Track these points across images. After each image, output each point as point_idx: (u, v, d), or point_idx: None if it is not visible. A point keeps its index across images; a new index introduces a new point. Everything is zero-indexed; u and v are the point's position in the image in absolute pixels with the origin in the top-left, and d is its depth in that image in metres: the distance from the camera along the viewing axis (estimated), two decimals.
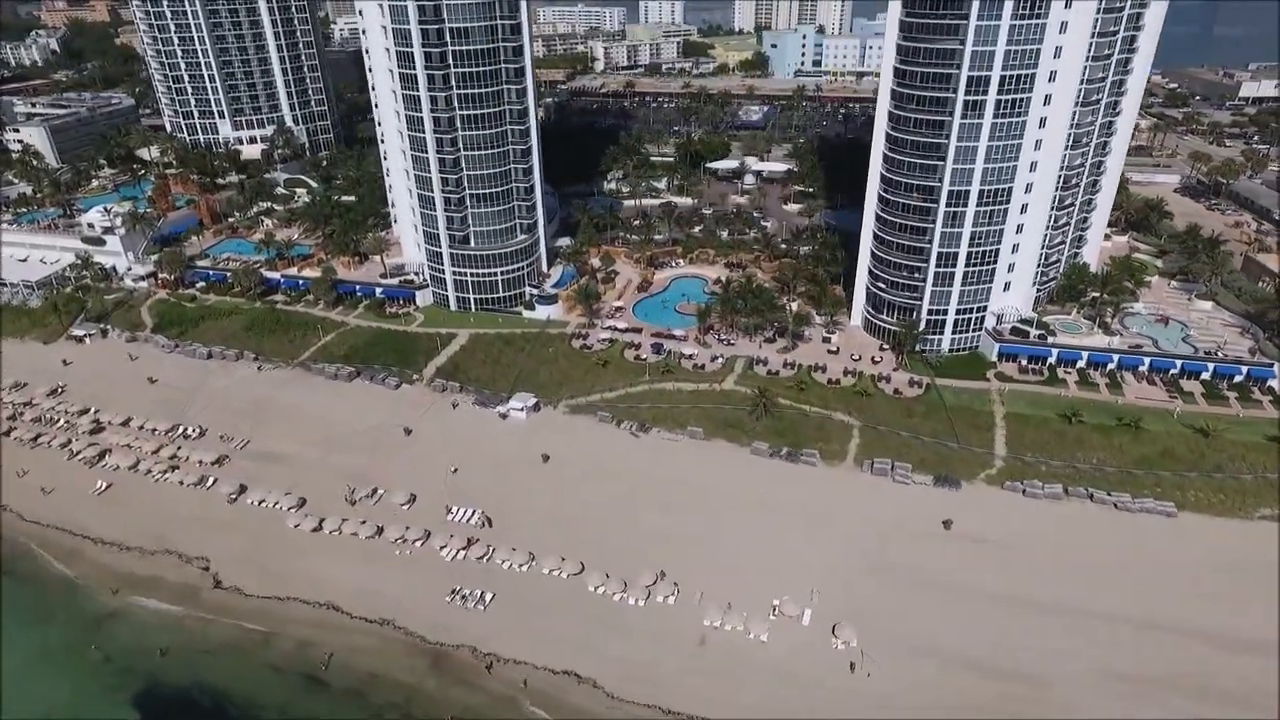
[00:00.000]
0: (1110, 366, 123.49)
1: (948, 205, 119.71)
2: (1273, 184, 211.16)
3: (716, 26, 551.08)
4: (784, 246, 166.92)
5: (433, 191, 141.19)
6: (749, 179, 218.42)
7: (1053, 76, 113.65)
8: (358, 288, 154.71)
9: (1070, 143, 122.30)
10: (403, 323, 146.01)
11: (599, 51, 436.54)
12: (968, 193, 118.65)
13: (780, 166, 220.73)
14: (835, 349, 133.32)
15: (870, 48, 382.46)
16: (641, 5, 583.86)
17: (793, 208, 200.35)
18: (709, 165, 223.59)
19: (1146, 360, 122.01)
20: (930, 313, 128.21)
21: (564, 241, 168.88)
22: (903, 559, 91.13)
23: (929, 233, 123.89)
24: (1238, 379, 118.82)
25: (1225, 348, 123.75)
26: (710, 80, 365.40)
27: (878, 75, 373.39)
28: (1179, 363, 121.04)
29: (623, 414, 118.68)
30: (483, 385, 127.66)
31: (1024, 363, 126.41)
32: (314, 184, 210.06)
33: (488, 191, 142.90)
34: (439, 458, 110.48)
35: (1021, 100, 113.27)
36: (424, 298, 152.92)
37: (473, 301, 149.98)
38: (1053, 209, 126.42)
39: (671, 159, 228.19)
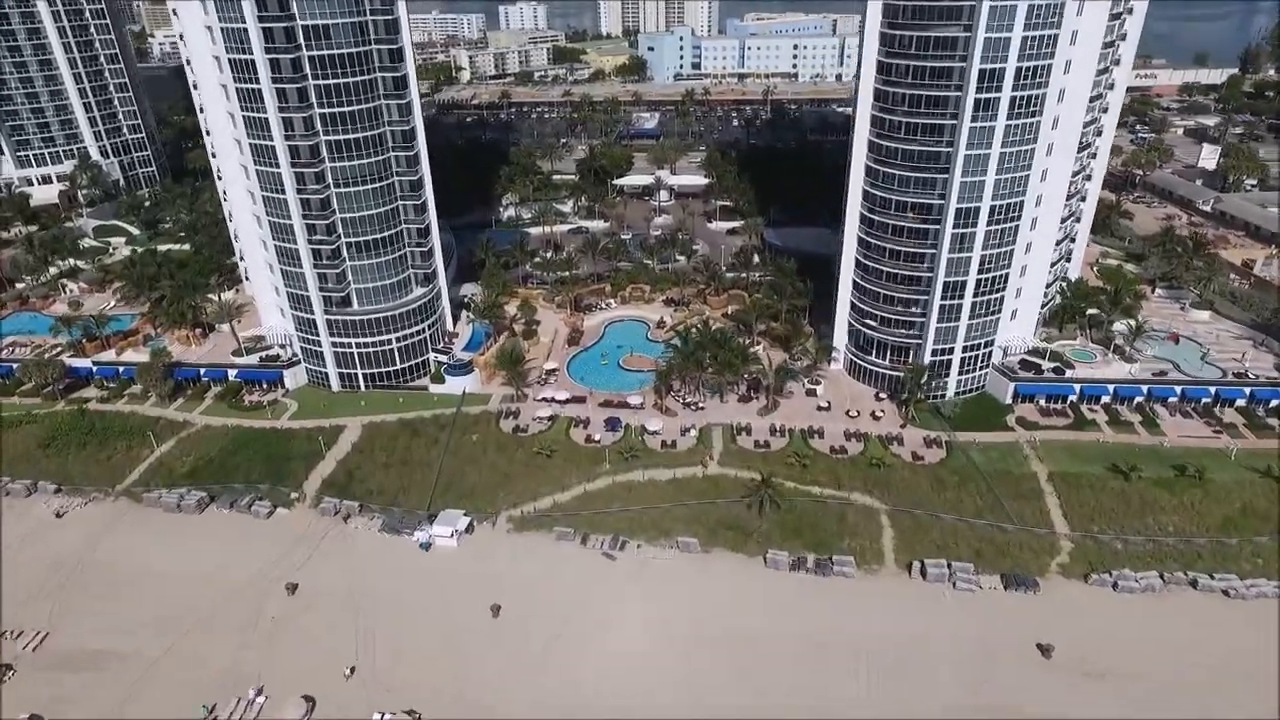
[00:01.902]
0: (1138, 399, 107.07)
1: (955, 226, 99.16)
2: (1183, 174, 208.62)
3: (583, 31, 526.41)
4: (730, 276, 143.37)
5: (296, 242, 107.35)
6: (664, 195, 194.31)
7: (1068, 67, 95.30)
8: (203, 371, 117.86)
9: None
10: (269, 416, 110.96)
11: (464, 60, 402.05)
12: (977, 210, 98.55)
13: (696, 179, 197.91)
14: (826, 404, 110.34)
15: (749, 48, 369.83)
16: (501, 10, 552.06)
17: (719, 226, 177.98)
18: (616, 182, 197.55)
19: (1178, 389, 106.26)
20: (934, 352, 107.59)
21: (467, 289, 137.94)
22: (1010, 715, 68.19)
23: (929, 259, 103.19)
24: (1275, 402, 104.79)
25: (1247, 365, 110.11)
26: (590, 87, 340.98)
27: (760, 77, 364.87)
28: (1213, 389, 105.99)
29: (587, 525, 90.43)
30: (390, 500, 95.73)
31: (1043, 403, 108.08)
32: (135, 231, 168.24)
33: (371, 238, 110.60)
34: (343, 629, 78.31)
35: (1037, 97, 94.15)
36: (295, 378, 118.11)
37: (362, 379, 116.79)
38: (1061, 222, 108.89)
39: (573, 177, 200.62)
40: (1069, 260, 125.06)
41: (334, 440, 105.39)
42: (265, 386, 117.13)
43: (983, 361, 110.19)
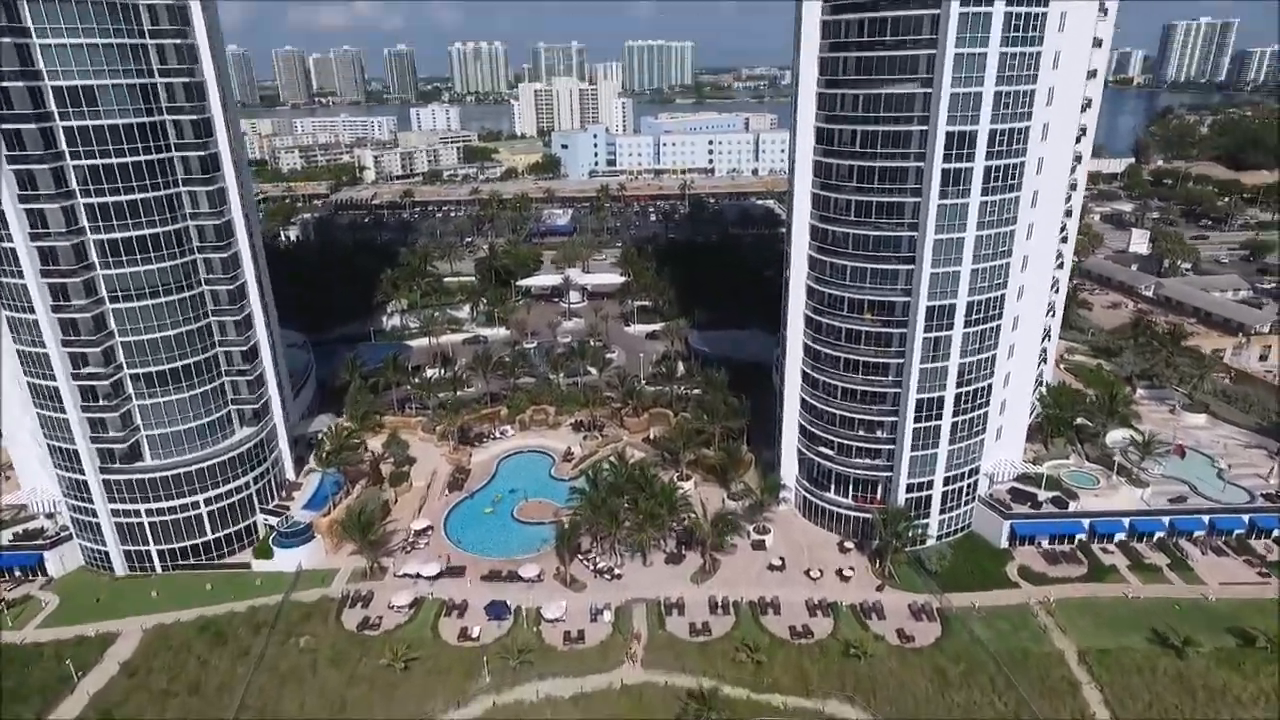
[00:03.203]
0: (1159, 534, 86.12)
1: (928, 328, 78.32)
2: (1115, 259, 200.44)
3: (497, 132, 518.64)
4: (651, 390, 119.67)
5: (55, 378, 78.45)
6: (574, 295, 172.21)
7: (1045, 132, 77.91)
8: None
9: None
10: (11, 623, 78.49)
11: (368, 160, 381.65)
12: (953, 308, 78.20)
13: (611, 278, 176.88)
14: (779, 562, 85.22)
15: (664, 144, 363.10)
16: (413, 113, 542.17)
17: (638, 329, 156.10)
18: (521, 283, 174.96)
19: (1206, 519, 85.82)
20: (910, 487, 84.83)
21: (322, 422, 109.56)
22: None
23: (896, 370, 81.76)
24: None
25: (1276, 483, 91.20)
26: (501, 185, 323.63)
27: (677, 173, 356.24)
28: (1246, 518, 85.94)
29: None
30: None
31: (1045, 544, 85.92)
32: None
33: (170, 366, 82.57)
34: None
35: (1015, 167, 75.91)
36: (63, 560, 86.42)
37: (156, 557, 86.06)
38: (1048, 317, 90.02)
39: (472, 279, 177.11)
40: (1044, 361, 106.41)
41: (96, 658, 73.76)
42: (18, 576, 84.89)
43: (968, 494, 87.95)
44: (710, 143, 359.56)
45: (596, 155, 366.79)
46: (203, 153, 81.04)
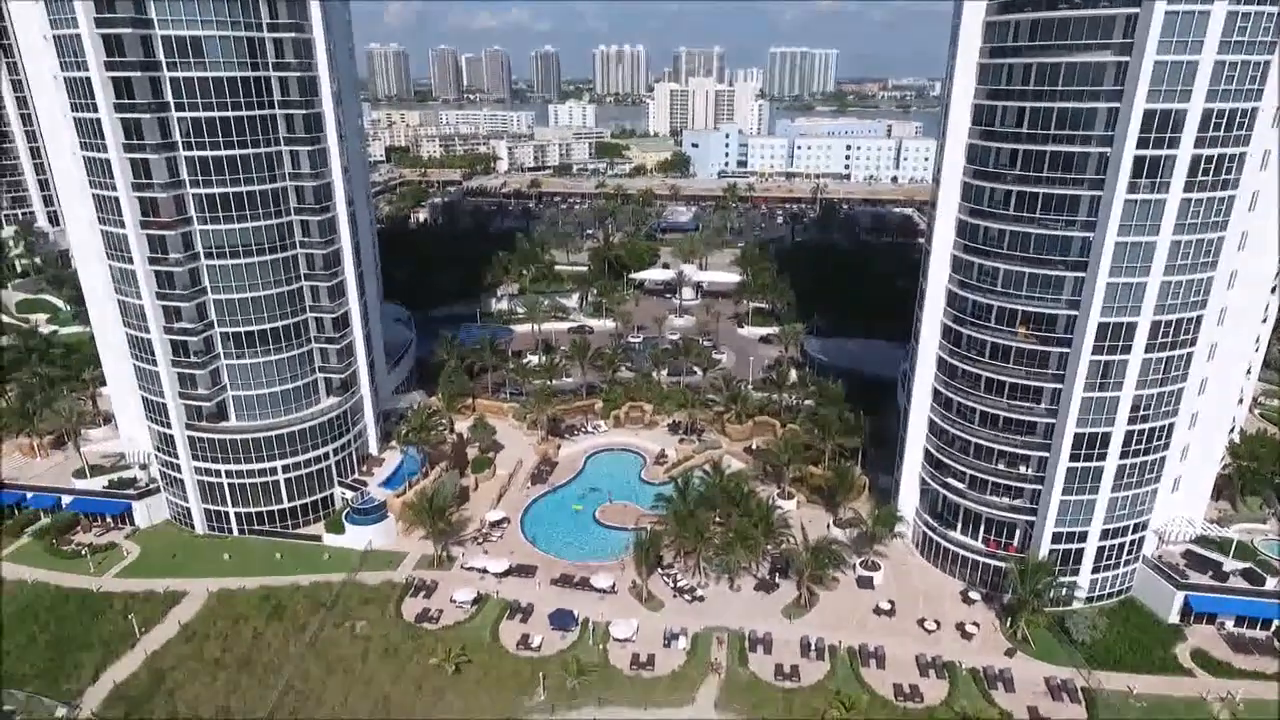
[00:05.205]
0: None
1: (1096, 350, 64.72)
2: None
3: (630, 130, 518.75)
4: (759, 396, 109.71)
5: (149, 330, 77.99)
6: (688, 292, 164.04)
7: (1278, 116, 62.54)
8: (28, 496, 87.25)
9: None
10: (94, 568, 78.61)
11: (502, 151, 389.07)
12: (1133, 326, 64.17)
13: (727, 276, 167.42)
14: (888, 605, 73.49)
15: (799, 147, 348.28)
16: (551, 110, 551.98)
17: (751, 331, 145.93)
18: (634, 276, 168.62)
19: None
20: (1057, 536, 71.03)
21: (413, 398, 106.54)
22: None
23: (1051, 397, 68.42)
24: None
25: None
26: (628, 181, 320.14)
27: (809, 176, 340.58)
28: None
29: None
30: None
31: (1230, 626, 69.82)
32: (63, 305, 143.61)
33: (260, 328, 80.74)
34: None
35: (1233, 158, 61.10)
36: (151, 511, 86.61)
37: (234, 519, 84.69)
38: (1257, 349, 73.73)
39: (585, 269, 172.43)
40: (1240, 403, 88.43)
41: (161, 615, 72.30)
42: (107, 522, 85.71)
43: (1131, 552, 72.94)
44: (848, 148, 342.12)
45: (728, 155, 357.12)
46: (306, 111, 78.58)
